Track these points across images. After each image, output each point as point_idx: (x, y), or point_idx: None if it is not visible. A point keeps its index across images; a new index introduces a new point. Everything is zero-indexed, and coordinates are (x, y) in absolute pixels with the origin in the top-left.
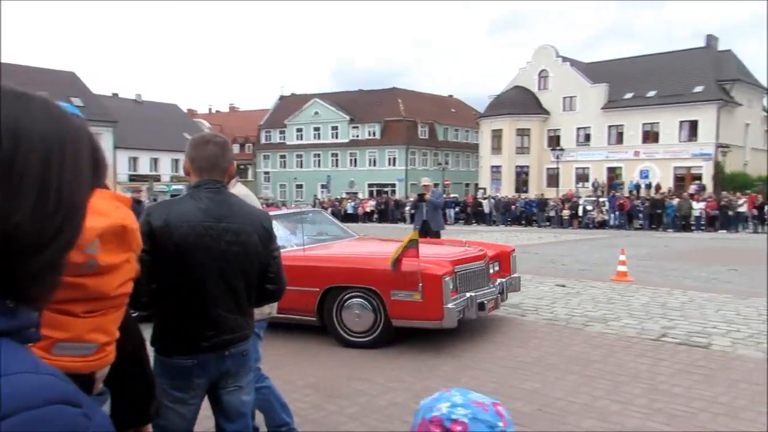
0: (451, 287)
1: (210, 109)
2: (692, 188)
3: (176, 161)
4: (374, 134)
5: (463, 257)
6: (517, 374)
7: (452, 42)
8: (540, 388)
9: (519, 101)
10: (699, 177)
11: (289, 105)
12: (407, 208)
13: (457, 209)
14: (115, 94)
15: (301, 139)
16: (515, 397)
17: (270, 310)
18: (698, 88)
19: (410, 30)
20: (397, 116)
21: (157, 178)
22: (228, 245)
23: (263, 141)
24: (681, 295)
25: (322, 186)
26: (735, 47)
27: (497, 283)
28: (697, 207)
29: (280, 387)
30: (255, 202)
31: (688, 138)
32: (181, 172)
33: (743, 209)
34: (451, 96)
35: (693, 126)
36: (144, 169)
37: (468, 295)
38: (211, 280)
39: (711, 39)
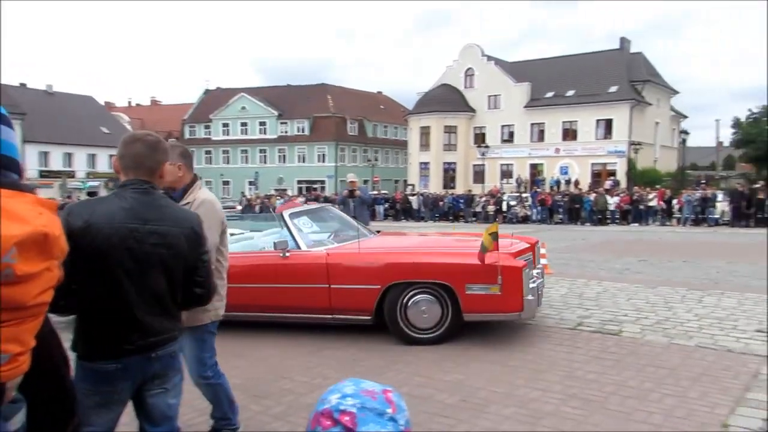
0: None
1: (129, 103)
2: (607, 184)
3: (92, 156)
4: (303, 130)
5: (521, 249)
6: (441, 367)
7: (380, 38)
8: (464, 379)
9: (446, 99)
10: (614, 173)
11: (215, 99)
12: (335, 205)
13: (386, 205)
14: (23, 84)
15: (228, 134)
16: (440, 389)
17: (222, 310)
18: (613, 89)
19: (335, 24)
20: (326, 112)
21: (71, 175)
22: (153, 247)
23: (187, 136)
24: (596, 285)
25: (250, 183)
26: (644, 50)
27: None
28: (612, 201)
29: None
30: (215, 207)
31: (603, 136)
32: (98, 168)
33: (653, 203)
34: (380, 92)
35: (608, 124)
36: (56, 164)
37: (534, 286)
38: (135, 283)
39: (624, 41)
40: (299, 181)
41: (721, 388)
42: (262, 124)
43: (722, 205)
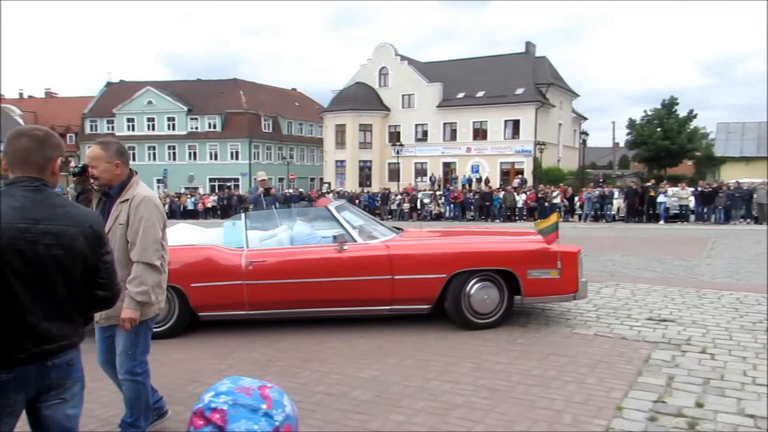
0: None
1: (21, 94)
2: (516, 182)
3: None
4: (215, 126)
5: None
6: (356, 364)
7: (292, 34)
8: (378, 375)
9: (361, 97)
10: (521, 171)
11: (118, 92)
12: (248, 203)
13: (302, 203)
14: None
15: (133, 129)
16: (355, 386)
17: (163, 304)
18: (519, 90)
19: (245, 19)
20: (239, 108)
21: None
22: (47, 249)
23: (88, 131)
24: None
25: (158, 180)
26: (548, 54)
27: None
28: (520, 199)
29: (110, 397)
30: (155, 203)
31: (512, 136)
32: None
33: (557, 200)
34: (294, 89)
35: (516, 125)
36: None
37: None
38: (28, 287)
39: (529, 45)
40: (211, 179)
41: (615, 373)
42: (171, 119)
43: (618, 202)
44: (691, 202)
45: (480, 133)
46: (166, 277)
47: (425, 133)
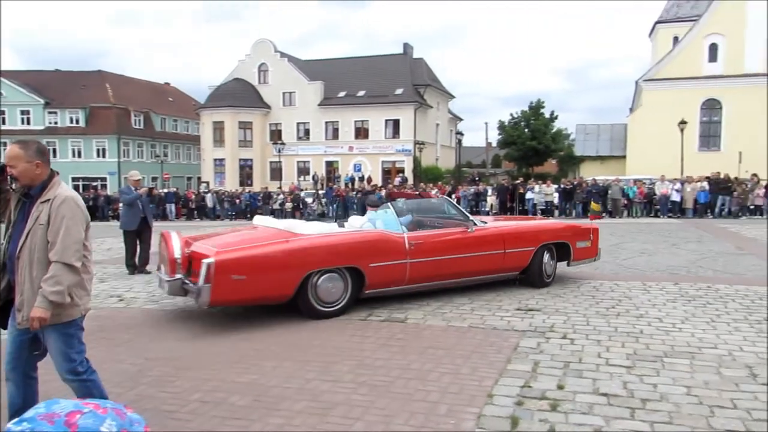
0: None
1: None
2: (397, 180)
3: None
4: (77, 121)
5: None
6: (234, 369)
7: (164, 25)
8: (257, 378)
9: (240, 94)
10: (402, 170)
11: None
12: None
13: (178, 204)
14: None
15: None
16: (233, 392)
17: (89, 304)
18: (399, 91)
19: (111, 6)
20: (106, 102)
21: None
22: None
23: None
24: None
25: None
26: (425, 56)
27: None
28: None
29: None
30: (78, 203)
31: (392, 135)
32: None
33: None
34: (167, 84)
35: (396, 124)
36: None
37: None
38: None
39: (407, 47)
40: (74, 178)
41: (487, 363)
42: (25, 112)
43: (491, 199)
44: (556, 198)
45: (362, 132)
46: (91, 278)
47: (307, 132)
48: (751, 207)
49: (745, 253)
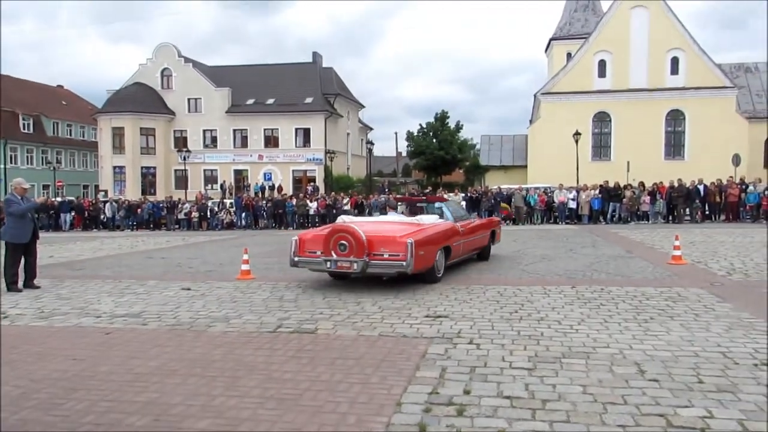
0: None
1: None
2: (308, 189)
3: None
4: None
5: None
6: (133, 387)
7: (52, 23)
8: (158, 397)
9: (142, 99)
10: (313, 179)
11: None
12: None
13: (73, 213)
14: None
15: None
16: (129, 412)
17: None
18: (309, 99)
19: None
20: None
21: None
22: None
23: None
24: (296, 287)
25: None
26: (334, 65)
27: None
28: (312, 206)
29: None
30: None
31: (303, 144)
32: None
33: (347, 207)
34: (61, 86)
35: (306, 133)
36: None
37: None
38: None
39: (316, 56)
40: None
41: (396, 371)
42: None
43: (402, 208)
44: (463, 207)
45: (271, 141)
46: None
47: (214, 139)
48: (639, 213)
49: (633, 257)
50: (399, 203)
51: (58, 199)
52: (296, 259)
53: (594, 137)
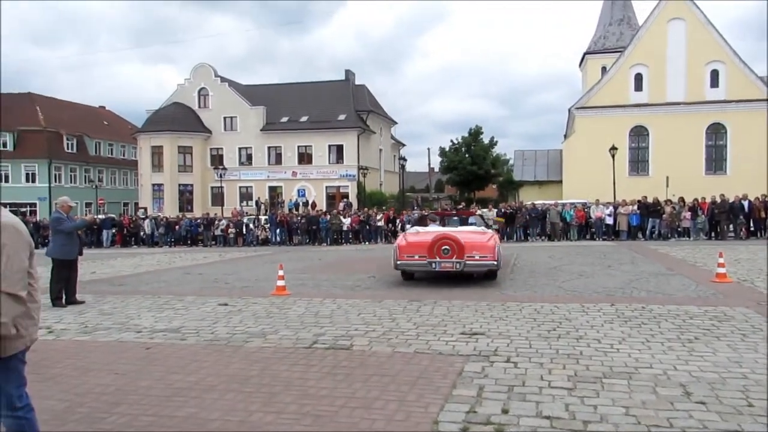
0: None
1: None
2: (341, 205)
3: None
4: (5, 145)
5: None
6: (172, 402)
7: (94, 47)
8: (197, 412)
9: (180, 118)
10: (347, 195)
11: None
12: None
13: (113, 230)
14: None
15: None
16: (169, 426)
17: (36, 334)
18: (342, 116)
19: (36, 25)
20: (36, 126)
21: None
22: None
23: None
24: (331, 303)
25: None
26: (366, 82)
27: None
28: (345, 222)
29: None
30: (18, 230)
31: (336, 160)
32: None
33: (380, 223)
34: (102, 107)
35: (339, 150)
36: None
37: None
38: None
39: (349, 74)
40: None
41: (433, 388)
42: None
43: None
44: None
45: (305, 158)
46: (38, 306)
47: (249, 157)
48: (679, 229)
49: (674, 274)
50: (437, 217)
51: (100, 216)
52: (399, 263)
53: (631, 152)
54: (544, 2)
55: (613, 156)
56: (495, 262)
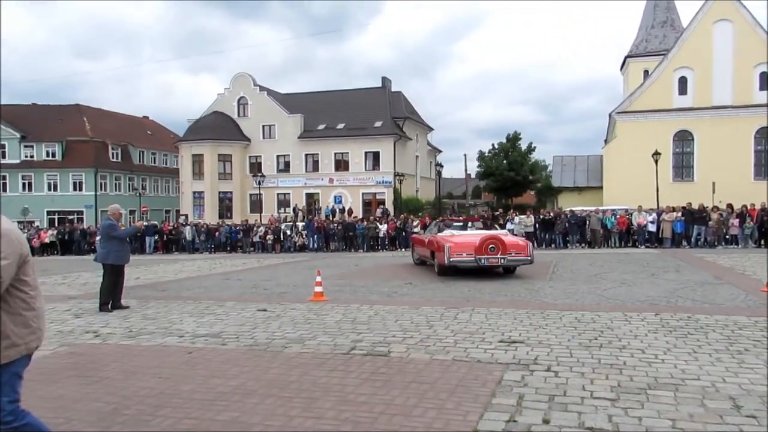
0: None
1: None
2: (378, 212)
3: None
4: (54, 155)
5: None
6: (215, 406)
7: (135, 59)
8: (238, 416)
9: (220, 127)
10: (383, 202)
11: None
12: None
13: (156, 237)
14: None
15: None
16: (211, 429)
17: (37, 343)
18: (378, 123)
19: (78, 37)
20: (83, 136)
21: None
22: None
23: None
24: (368, 309)
25: None
26: (402, 89)
27: None
28: (382, 229)
29: None
30: (10, 237)
31: (372, 167)
32: None
33: (417, 229)
34: (146, 117)
35: (376, 156)
36: None
37: None
38: None
39: (385, 80)
40: (49, 212)
41: (472, 397)
42: (0, 147)
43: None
44: (535, 229)
45: (342, 164)
46: (37, 314)
47: (287, 164)
48: (727, 237)
49: (722, 283)
50: (451, 223)
51: (144, 223)
52: (451, 260)
53: (675, 157)
54: (583, 5)
55: (656, 161)
56: (529, 258)
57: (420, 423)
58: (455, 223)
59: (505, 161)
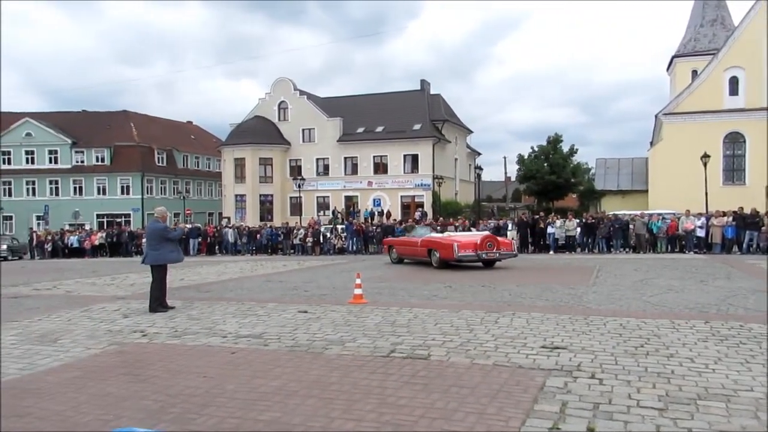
0: None
1: None
2: (416, 215)
3: None
4: (103, 160)
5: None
6: (257, 406)
7: (179, 65)
8: (280, 417)
9: (261, 131)
10: (422, 204)
11: None
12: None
13: (199, 239)
14: None
15: (9, 163)
16: (254, 430)
17: None
18: (417, 126)
19: (122, 45)
20: (130, 141)
21: None
22: None
23: None
24: (407, 312)
25: (38, 217)
26: (441, 91)
27: None
28: None
29: None
30: None
31: (411, 170)
32: None
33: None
34: (190, 122)
35: (415, 159)
36: None
37: None
38: None
39: (424, 83)
40: (99, 215)
41: (514, 402)
42: (53, 152)
43: (512, 234)
44: (577, 233)
45: (380, 167)
46: None
47: (326, 167)
48: None
49: None
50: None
51: (188, 226)
52: (459, 255)
53: (725, 159)
54: (628, 4)
55: (705, 164)
56: (514, 253)
57: (461, 427)
58: (418, 227)
59: (546, 164)
